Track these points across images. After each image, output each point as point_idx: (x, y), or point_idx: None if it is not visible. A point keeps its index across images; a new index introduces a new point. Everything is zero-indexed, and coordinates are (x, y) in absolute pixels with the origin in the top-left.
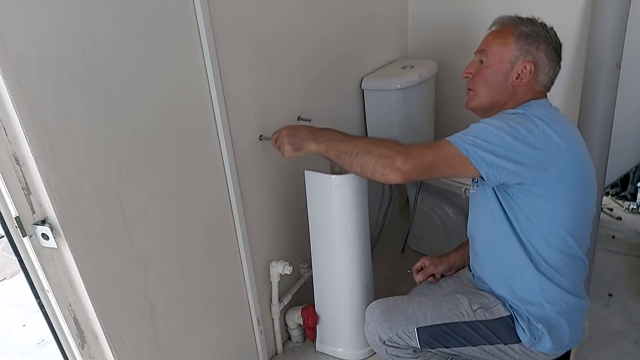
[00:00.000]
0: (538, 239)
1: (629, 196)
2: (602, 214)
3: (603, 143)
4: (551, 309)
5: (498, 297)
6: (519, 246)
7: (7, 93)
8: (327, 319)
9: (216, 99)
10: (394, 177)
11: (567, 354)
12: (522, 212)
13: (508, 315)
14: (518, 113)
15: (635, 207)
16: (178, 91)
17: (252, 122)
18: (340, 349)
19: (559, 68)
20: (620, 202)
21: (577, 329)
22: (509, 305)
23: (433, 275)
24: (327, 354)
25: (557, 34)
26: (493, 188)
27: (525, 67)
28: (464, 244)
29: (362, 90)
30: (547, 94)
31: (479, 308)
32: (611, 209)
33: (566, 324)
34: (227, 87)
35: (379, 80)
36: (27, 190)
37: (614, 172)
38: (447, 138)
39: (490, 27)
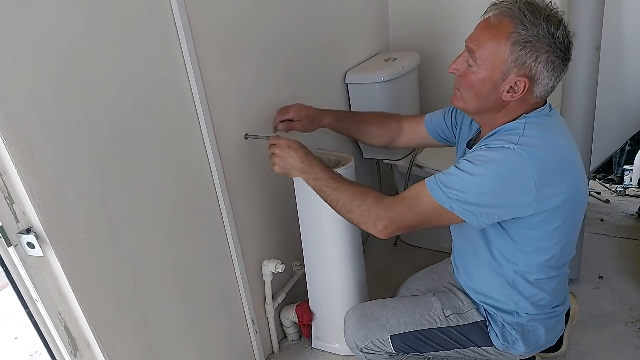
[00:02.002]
0: (521, 260)
1: (615, 179)
2: (590, 197)
3: (587, 127)
4: (527, 317)
5: (473, 301)
6: (499, 268)
7: None
8: (321, 315)
9: (198, 99)
10: (378, 236)
11: (559, 339)
12: (509, 238)
13: (481, 320)
14: (508, 148)
15: (622, 189)
16: (158, 92)
17: (236, 121)
18: (337, 345)
19: (565, 73)
20: (607, 185)
21: (554, 331)
22: (484, 309)
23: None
24: (323, 350)
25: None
26: None
27: (518, 81)
28: (348, 118)
29: (346, 84)
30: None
31: (452, 314)
32: (599, 192)
33: (542, 328)
34: (208, 86)
35: (362, 74)
36: (10, 199)
37: (599, 156)
38: (428, 187)
39: (486, 12)
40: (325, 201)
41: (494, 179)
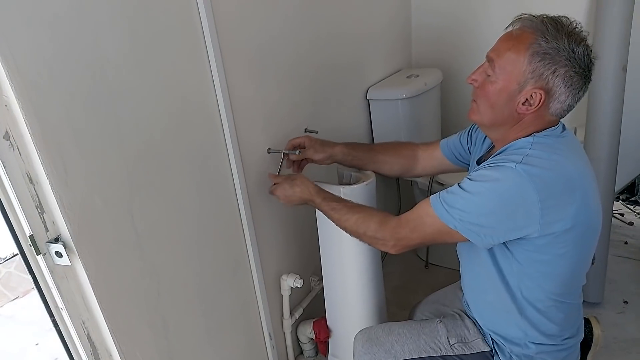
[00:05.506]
0: (528, 286)
1: (639, 200)
2: (613, 219)
3: (612, 147)
4: (536, 349)
5: (480, 329)
6: (506, 292)
7: (20, 114)
8: (339, 332)
9: (224, 113)
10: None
11: None
12: (515, 260)
13: (488, 351)
14: (509, 167)
15: None
16: (186, 106)
17: (260, 135)
18: None
19: (584, 93)
20: (631, 207)
21: None
22: (491, 339)
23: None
24: None
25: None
26: None
27: (534, 93)
28: (360, 146)
29: (368, 100)
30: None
31: (457, 342)
32: (622, 214)
33: None
34: (234, 100)
35: (384, 91)
36: (41, 208)
37: (623, 177)
38: (432, 205)
39: (511, 24)
40: (331, 220)
41: (493, 200)
